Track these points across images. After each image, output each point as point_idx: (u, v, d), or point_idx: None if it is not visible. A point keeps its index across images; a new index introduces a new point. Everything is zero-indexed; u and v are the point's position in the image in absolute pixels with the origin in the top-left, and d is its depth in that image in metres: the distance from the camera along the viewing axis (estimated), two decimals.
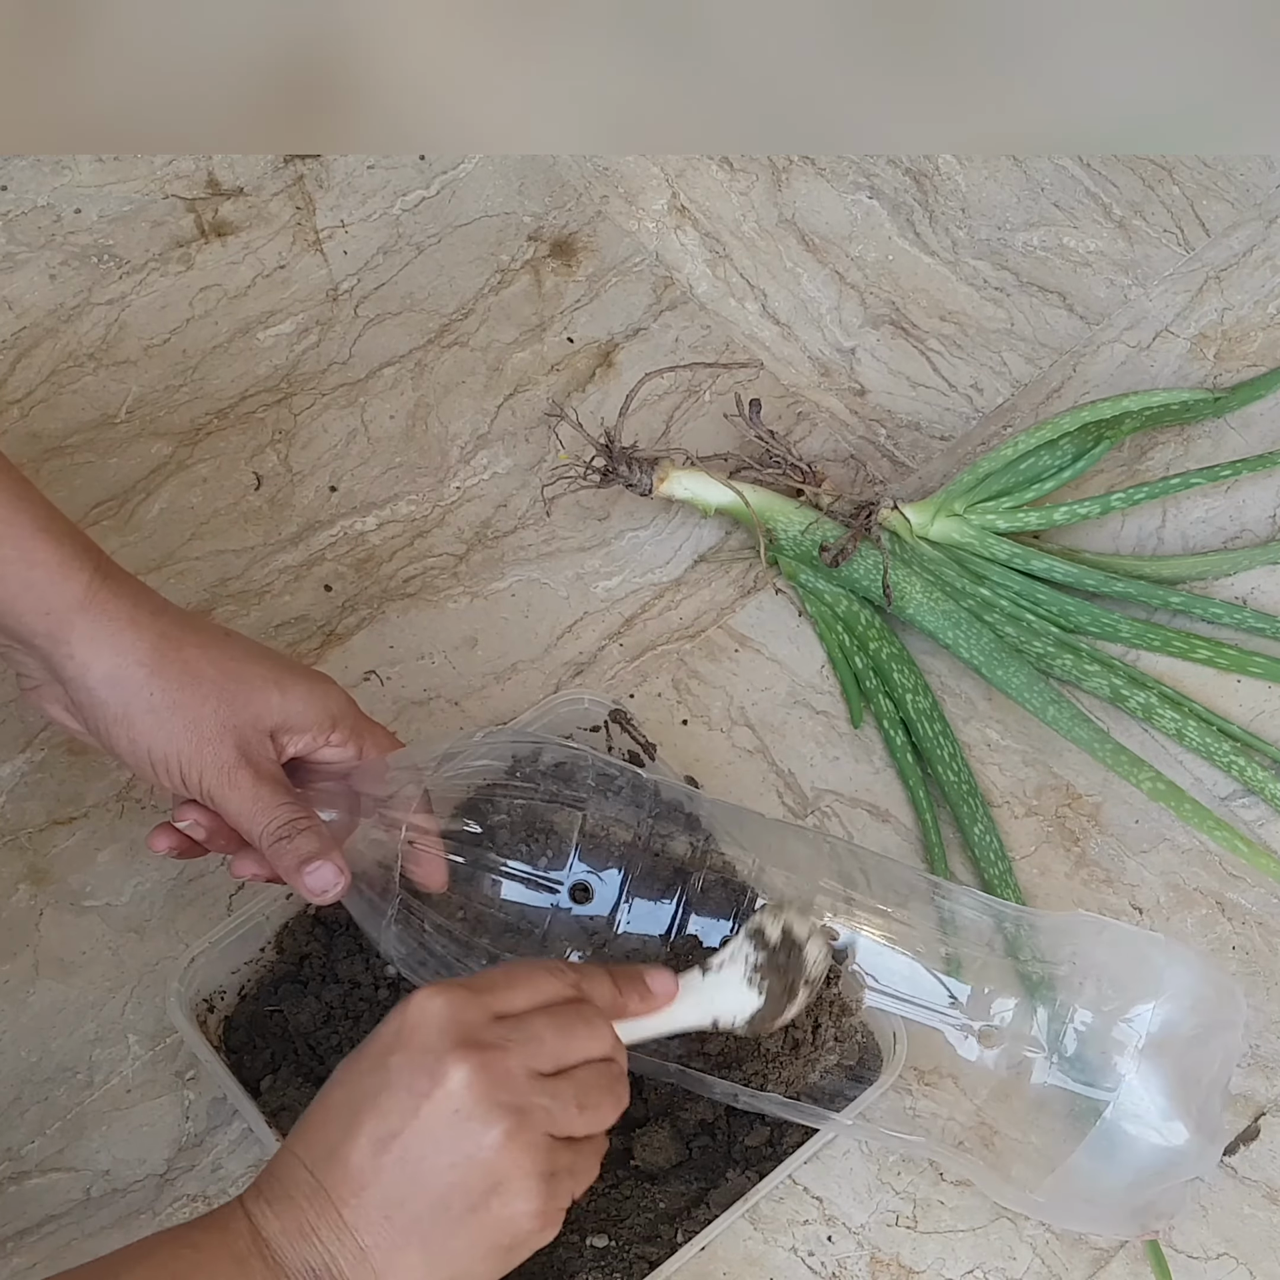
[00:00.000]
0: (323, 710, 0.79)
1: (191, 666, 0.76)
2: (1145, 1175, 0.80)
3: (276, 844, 0.76)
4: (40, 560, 0.74)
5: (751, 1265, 0.85)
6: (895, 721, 0.97)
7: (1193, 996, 0.82)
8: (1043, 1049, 0.83)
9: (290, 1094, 0.83)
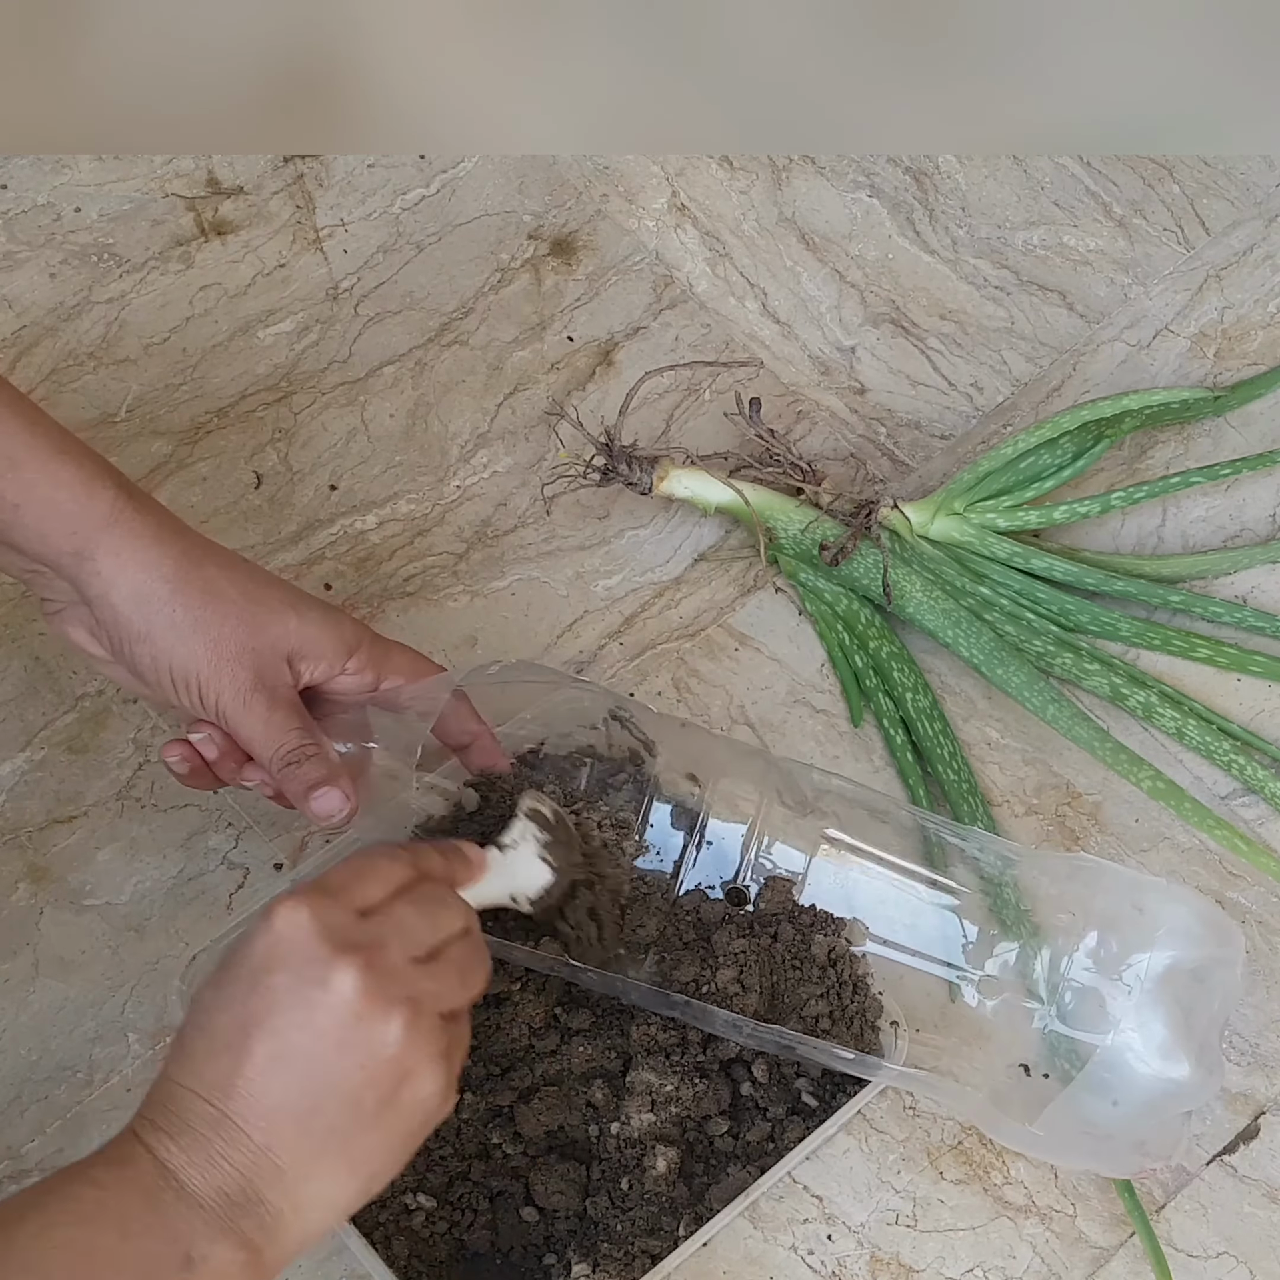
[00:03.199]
0: (338, 637, 0.80)
1: (213, 585, 0.77)
2: (1143, 1107, 0.81)
3: (285, 769, 0.77)
4: (64, 481, 0.75)
5: (751, 1264, 0.85)
6: (895, 720, 0.97)
7: (1191, 935, 0.82)
8: (1042, 1001, 0.84)
9: None
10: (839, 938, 0.86)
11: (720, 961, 0.83)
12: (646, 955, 0.84)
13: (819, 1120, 0.84)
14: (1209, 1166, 0.89)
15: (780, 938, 0.85)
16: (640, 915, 0.84)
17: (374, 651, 0.81)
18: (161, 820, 0.93)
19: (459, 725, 0.84)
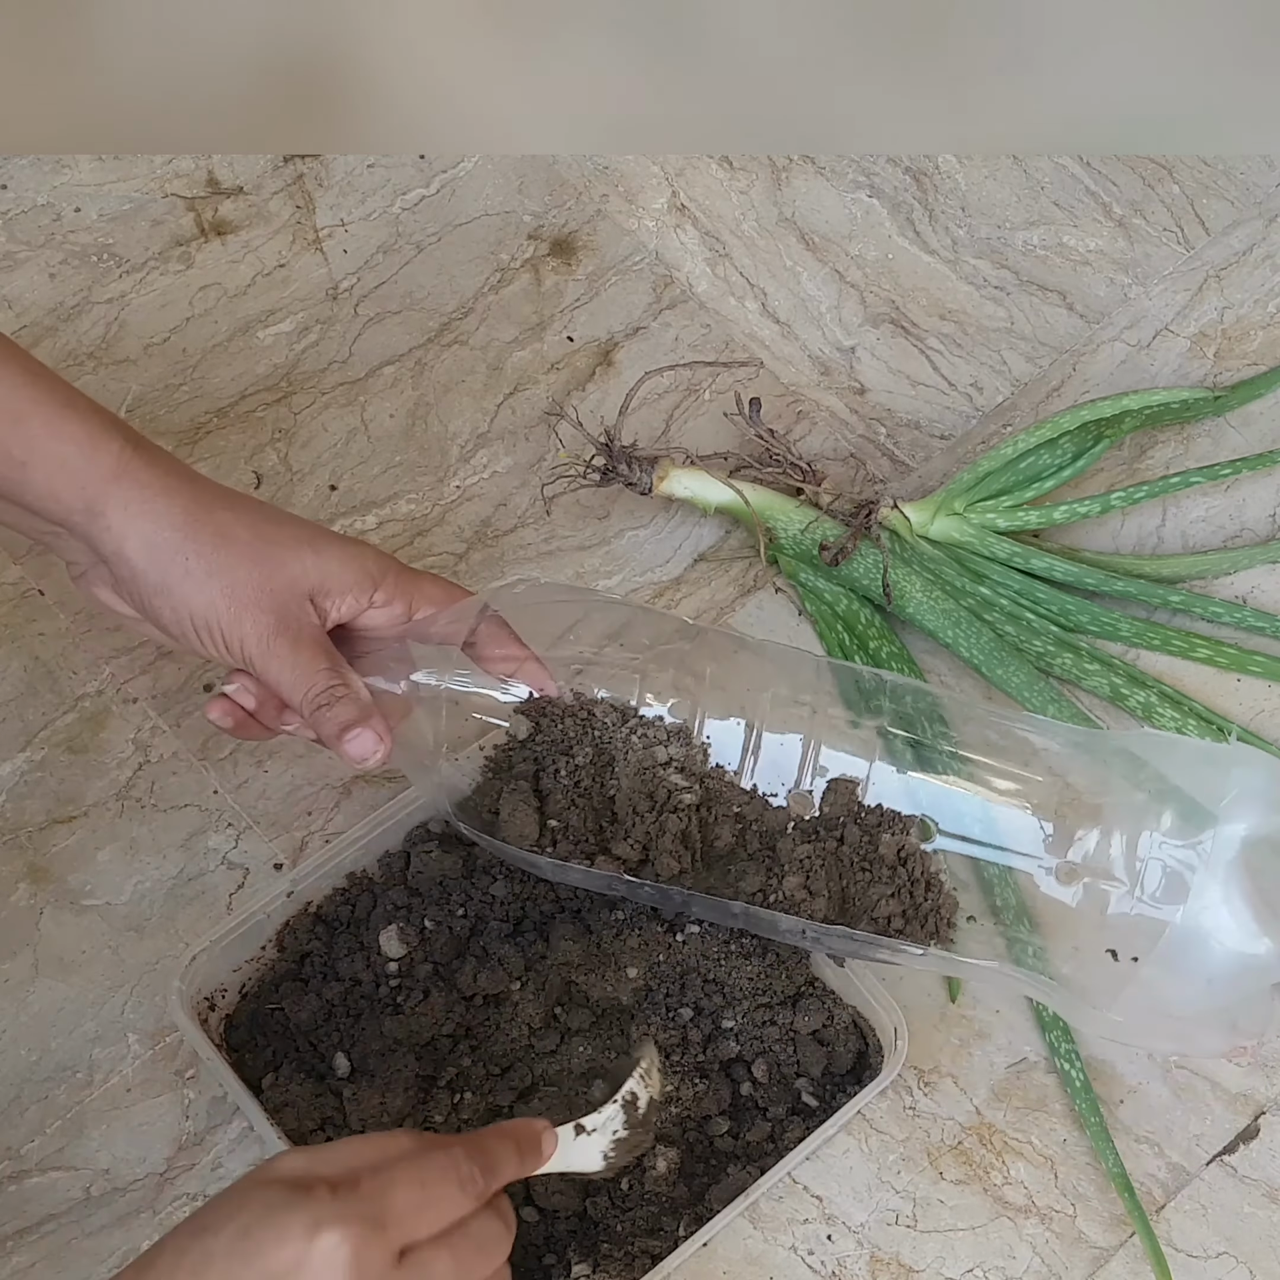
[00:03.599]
0: (360, 569, 0.78)
1: (224, 529, 0.76)
2: (1222, 982, 0.79)
3: (316, 712, 0.76)
4: (69, 435, 0.75)
5: (751, 1264, 0.85)
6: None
7: (1265, 800, 0.80)
8: (1123, 882, 0.82)
9: (292, 1091, 0.83)
10: (907, 835, 0.83)
11: (786, 869, 0.81)
12: (723, 868, 0.82)
13: (819, 1120, 0.84)
14: (1209, 1166, 0.89)
15: (846, 840, 0.83)
16: (715, 825, 0.82)
17: (401, 581, 0.80)
18: (161, 820, 0.93)
19: (501, 652, 0.82)
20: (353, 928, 0.88)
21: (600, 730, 0.83)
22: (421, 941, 0.87)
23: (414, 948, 0.87)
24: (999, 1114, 0.89)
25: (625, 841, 0.80)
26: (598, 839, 0.81)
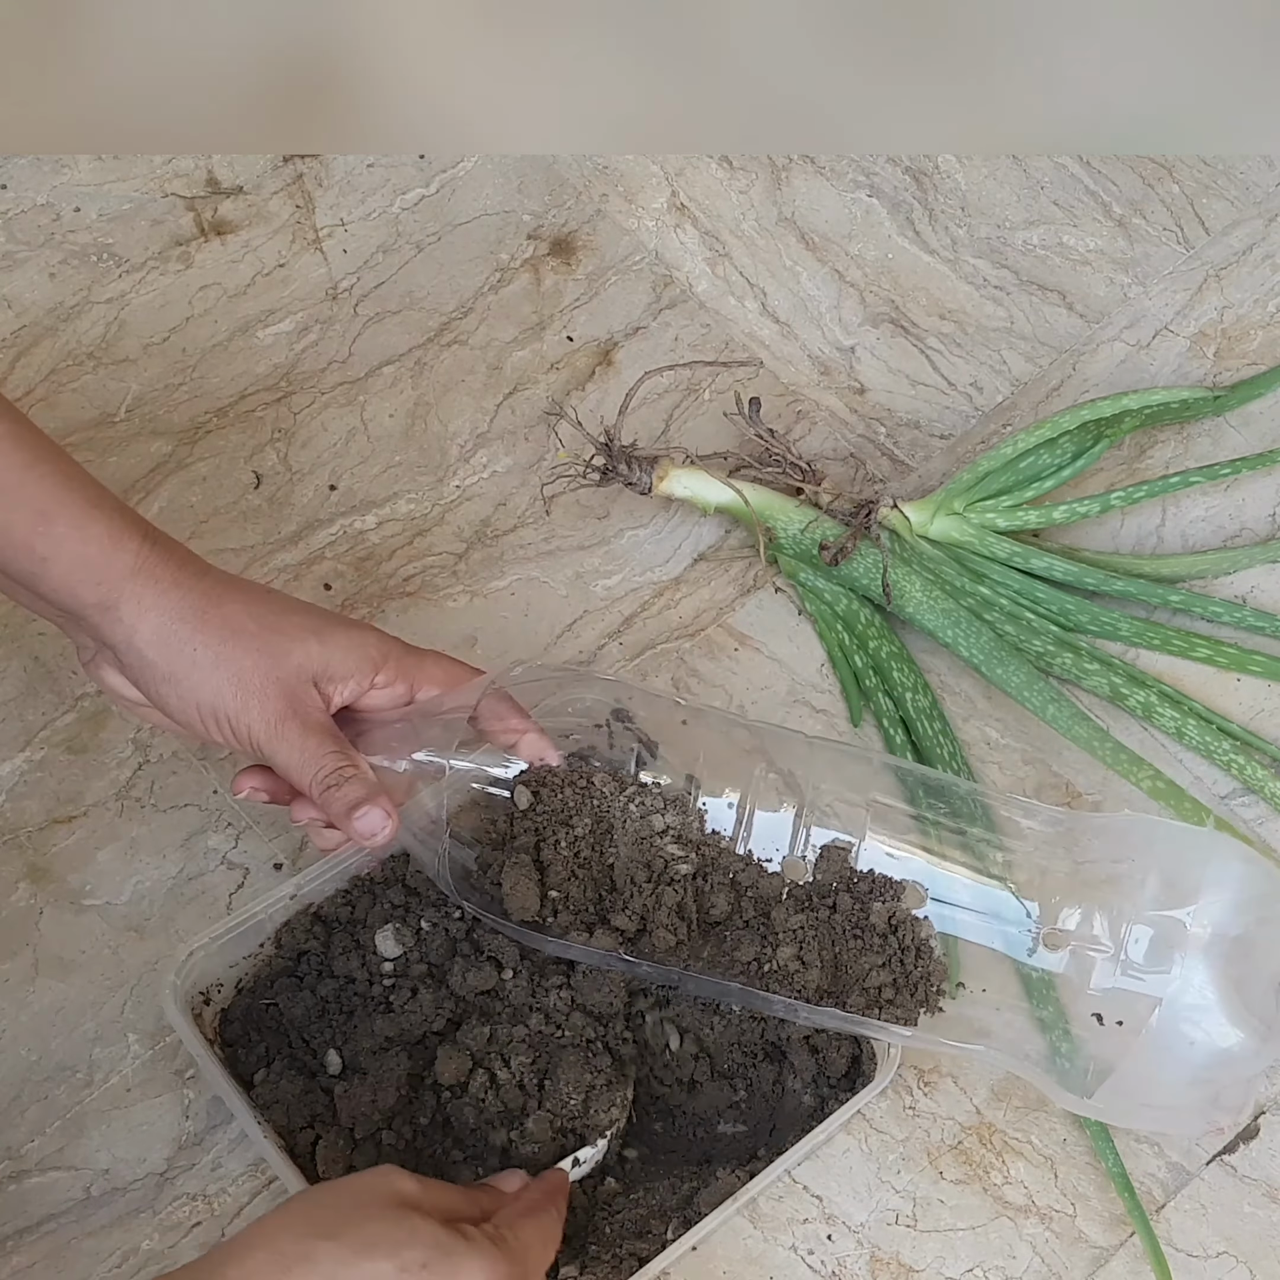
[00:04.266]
0: (362, 654, 0.80)
1: (232, 621, 0.77)
2: (1203, 1073, 0.80)
3: (325, 792, 0.78)
4: (94, 536, 0.76)
5: (751, 1264, 0.85)
6: (895, 720, 0.97)
7: (1245, 891, 0.81)
8: (1108, 948, 0.83)
9: (283, 1087, 0.84)
10: (898, 902, 0.84)
11: (780, 939, 0.81)
12: (719, 936, 0.83)
13: (811, 1125, 0.84)
14: (1209, 1166, 0.89)
15: (839, 908, 0.83)
16: (711, 894, 0.83)
17: (404, 663, 0.81)
18: (161, 820, 0.93)
19: (503, 725, 0.83)
20: (350, 927, 0.88)
21: (599, 799, 0.83)
22: (418, 942, 0.87)
23: (410, 948, 0.87)
24: (999, 1114, 0.89)
25: (623, 913, 0.81)
26: (597, 910, 0.81)
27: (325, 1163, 0.82)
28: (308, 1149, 0.83)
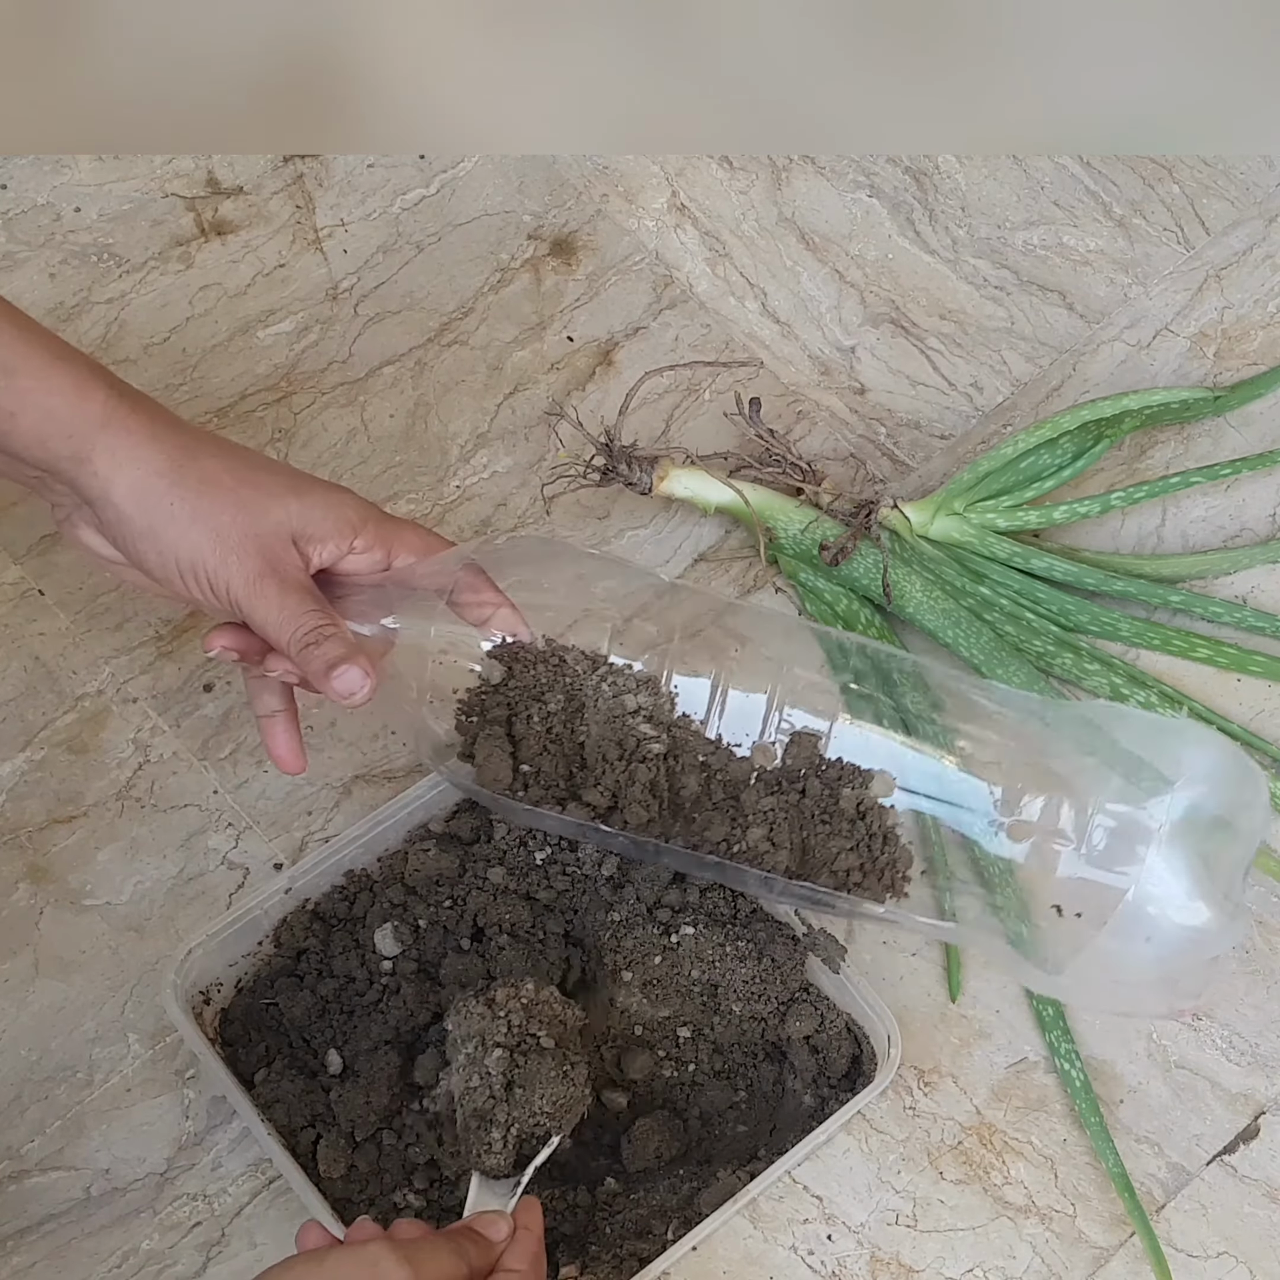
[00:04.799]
0: (341, 516, 0.80)
1: (209, 475, 0.77)
2: (1170, 953, 0.80)
3: (304, 650, 0.77)
4: (57, 386, 0.75)
5: (751, 1264, 0.85)
6: (895, 720, 0.97)
7: (1213, 778, 0.82)
8: (1071, 841, 0.83)
9: (283, 1087, 0.84)
10: (866, 789, 0.84)
11: (750, 820, 0.81)
12: (689, 816, 0.83)
13: (811, 1126, 0.84)
14: (1209, 1166, 0.89)
15: (808, 793, 0.83)
16: (681, 775, 0.83)
17: (382, 529, 0.81)
18: (161, 820, 0.93)
19: (476, 599, 0.83)
20: (349, 925, 0.88)
21: (571, 677, 0.83)
22: (416, 940, 0.87)
23: (408, 946, 0.87)
24: (999, 1114, 0.89)
25: (595, 789, 0.80)
26: (568, 785, 0.81)
27: (326, 1162, 0.82)
28: (309, 1148, 0.83)
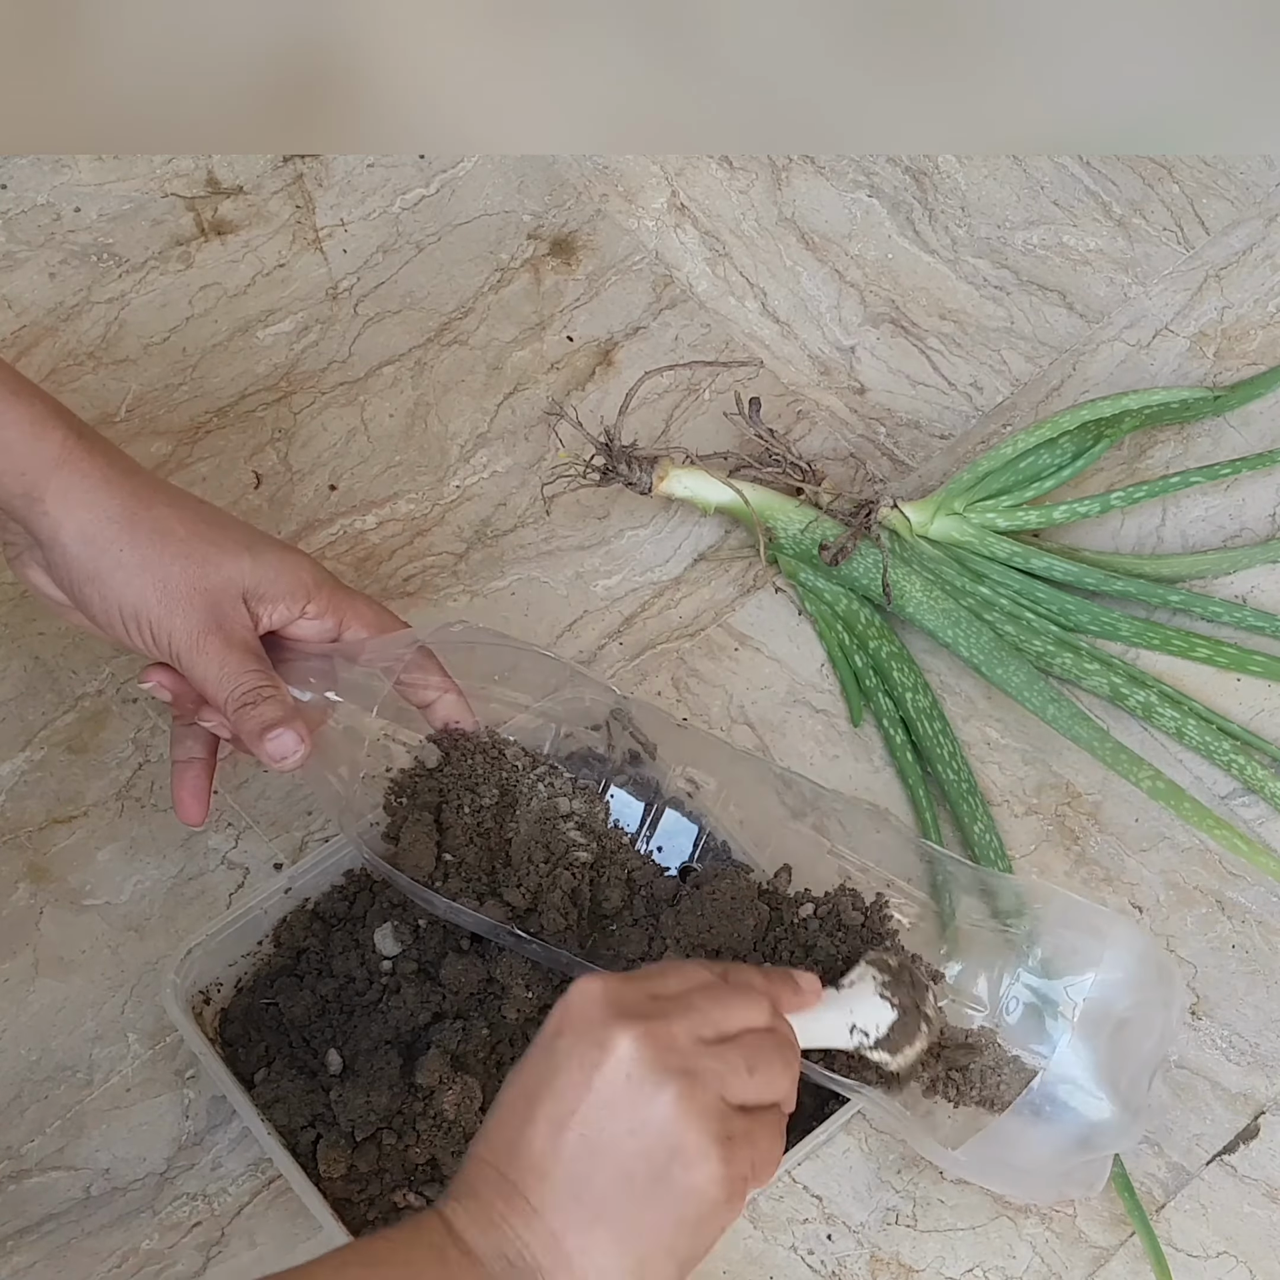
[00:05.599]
0: (295, 579, 0.78)
1: (162, 524, 0.76)
2: (1068, 1144, 0.80)
3: (240, 709, 0.76)
4: (12, 420, 0.75)
5: (751, 1264, 0.85)
6: (895, 720, 0.97)
7: (1131, 973, 0.82)
8: (985, 1007, 0.83)
9: (283, 1086, 0.83)
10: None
11: (667, 942, 0.81)
12: (607, 928, 0.82)
13: (816, 1122, 0.84)
14: (1209, 1166, 0.89)
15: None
16: (605, 886, 0.82)
17: (336, 597, 0.80)
18: (161, 820, 0.93)
19: (424, 680, 0.82)
20: (349, 925, 0.88)
21: (508, 772, 0.83)
22: (415, 940, 0.87)
23: (408, 946, 0.87)
24: None
25: (517, 889, 0.80)
26: (489, 880, 0.81)
27: (326, 1162, 0.82)
28: (309, 1148, 0.83)
